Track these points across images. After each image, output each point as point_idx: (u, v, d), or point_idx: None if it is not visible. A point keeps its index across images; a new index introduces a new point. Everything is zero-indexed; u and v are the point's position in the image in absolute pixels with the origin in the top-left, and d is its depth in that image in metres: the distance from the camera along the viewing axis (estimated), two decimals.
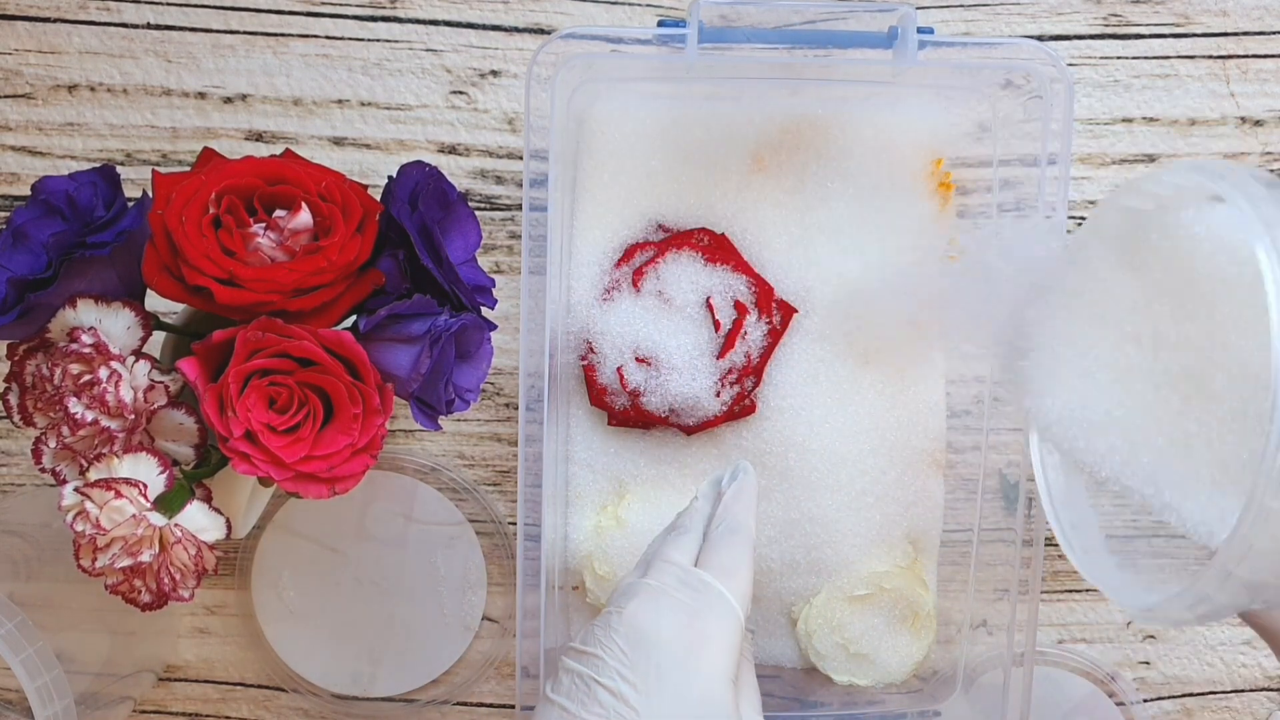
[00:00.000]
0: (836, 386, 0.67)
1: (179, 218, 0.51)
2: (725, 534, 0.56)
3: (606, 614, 0.53)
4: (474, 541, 0.71)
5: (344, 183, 0.54)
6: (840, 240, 0.67)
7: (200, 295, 0.51)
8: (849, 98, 0.66)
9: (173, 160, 0.70)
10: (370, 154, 0.70)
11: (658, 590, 0.53)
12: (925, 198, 0.67)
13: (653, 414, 0.66)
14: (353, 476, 0.53)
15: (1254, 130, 0.71)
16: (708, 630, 0.52)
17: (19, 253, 0.52)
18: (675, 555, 0.55)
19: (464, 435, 0.71)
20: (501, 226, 0.70)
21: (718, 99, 0.67)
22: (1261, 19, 0.70)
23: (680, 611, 0.52)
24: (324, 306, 0.53)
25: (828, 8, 0.62)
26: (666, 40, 0.59)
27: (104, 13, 0.70)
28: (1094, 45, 0.70)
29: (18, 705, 0.70)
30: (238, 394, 0.51)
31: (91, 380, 0.51)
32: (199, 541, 0.52)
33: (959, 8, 0.70)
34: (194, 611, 0.72)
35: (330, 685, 0.71)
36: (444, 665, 0.71)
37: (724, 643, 0.52)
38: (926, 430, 0.68)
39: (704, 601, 0.53)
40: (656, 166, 0.67)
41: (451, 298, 0.55)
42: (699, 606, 0.52)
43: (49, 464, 0.53)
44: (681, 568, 0.54)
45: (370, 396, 0.52)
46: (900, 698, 0.67)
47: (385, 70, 0.70)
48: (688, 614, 0.52)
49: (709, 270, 0.66)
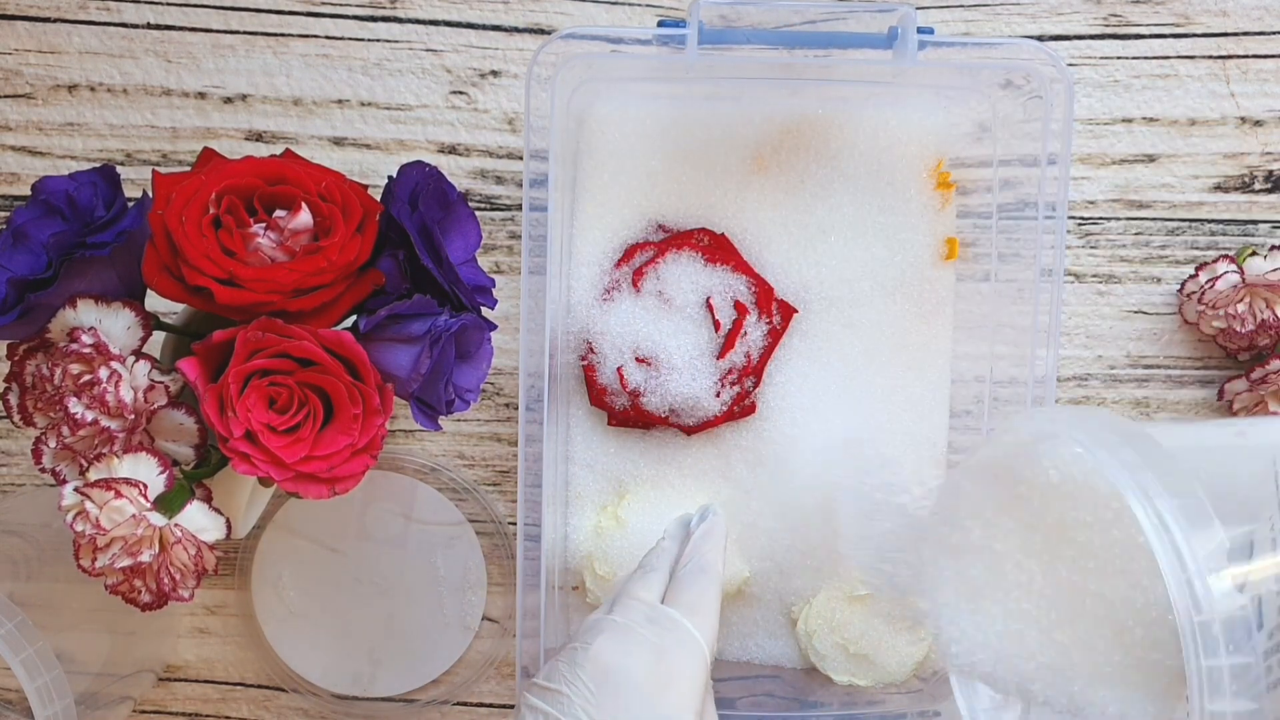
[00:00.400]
0: (836, 387, 0.67)
1: (179, 218, 0.51)
2: (693, 572, 0.56)
3: (571, 649, 0.52)
4: (474, 541, 0.71)
5: (344, 183, 0.54)
6: (840, 240, 0.67)
7: (200, 295, 0.51)
8: (849, 98, 0.66)
9: (173, 160, 0.70)
10: (370, 154, 0.70)
11: (624, 627, 0.52)
12: (925, 198, 0.67)
13: (653, 414, 0.66)
14: (353, 476, 0.53)
15: (1254, 130, 0.71)
16: (675, 667, 0.51)
17: (19, 253, 0.52)
18: (642, 592, 0.54)
19: (464, 435, 0.71)
20: (501, 226, 0.70)
21: (718, 99, 0.67)
22: (1261, 19, 0.70)
23: (647, 648, 0.52)
24: (324, 307, 0.53)
25: (828, 8, 0.62)
26: (666, 40, 0.59)
27: (104, 13, 0.70)
28: (1094, 45, 0.71)
29: (18, 705, 0.70)
30: (238, 394, 0.51)
31: (91, 380, 0.51)
32: (199, 541, 0.52)
33: (959, 8, 0.70)
34: (194, 611, 0.72)
35: (330, 685, 0.71)
36: (444, 665, 0.71)
37: (690, 680, 0.51)
38: (927, 430, 0.68)
39: (671, 638, 0.52)
40: (656, 166, 0.67)
41: (451, 298, 0.55)
42: (666, 643, 0.52)
43: (49, 464, 0.53)
44: (648, 604, 0.54)
45: (370, 396, 0.52)
46: (900, 698, 0.67)
47: (385, 70, 0.70)
48: (655, 651, 0.51)
49: (709, 270, 0.66)
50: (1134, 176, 0.71)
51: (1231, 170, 0.71)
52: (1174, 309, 0.71)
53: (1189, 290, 0.69)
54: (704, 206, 0.67)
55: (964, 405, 0.68)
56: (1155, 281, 0.71)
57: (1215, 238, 0.71)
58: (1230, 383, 0.70)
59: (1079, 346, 0.71)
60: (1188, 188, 0.71)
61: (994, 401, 0.65)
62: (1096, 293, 0.71)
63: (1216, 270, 0.68)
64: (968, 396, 0.68)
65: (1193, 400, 0.71)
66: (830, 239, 0.67)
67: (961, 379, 0.68)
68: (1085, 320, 0.71)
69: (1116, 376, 0.71)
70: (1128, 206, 0.71)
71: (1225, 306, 0.67)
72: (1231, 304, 0.67)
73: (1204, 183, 0.71)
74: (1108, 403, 0.71)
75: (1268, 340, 0.68)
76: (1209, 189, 0.71)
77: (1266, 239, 0.71)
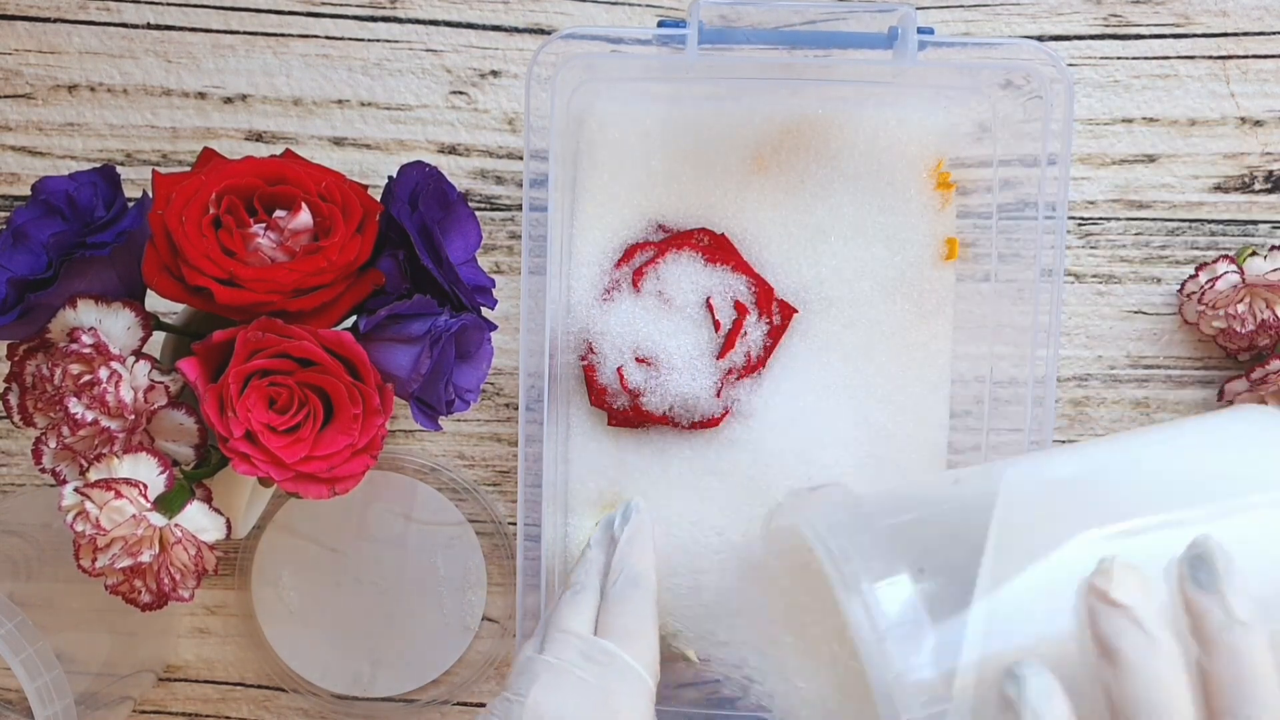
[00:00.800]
0: (837, 387, 0.67)
1: (179, 218, 0.51)
2: (625, 588, 0.53)
3: (506, 702, 0.49)
4: (474, 541, 0.71)
5: (344, 183, 0.54)
6: (840, 240, 0.67)
7: (200, 295, 0.51)
8: (849, 98, 0.66)
9: (173, 160, 0.70)
10: (370, 154, 0.70)
11: (559, 670, 0.49)
12: (925, 198, 0.67)
13: (653, 414, 0.66)
14: (353, 477, 0.53)
15: (1254, 130, 0.71)
16: (618, 707, 0.49)
17: (19, 253, 0.52)
18: (574, 623, 0.52)
19: (464, 435, 0.71)
20: (501, 226, 0.70)
21: (718, 99, 0.67)
22: (1261, 19, 0.70)
23: (586, 692, 0.49)
24: (324, 307, 0.53)
25: (828, 8, 0.62)
26: (666, 40, 0.59)
27: (104, 13, 0.70)
28: (1094, 45, 0.70)
29: (18, 705, 0.70)
30: (238, 394, 0.51)
31: (91, 380, 0.51)
32: (199, 541, 0.52)
33: (959, 8, 0.70)
34: (194, 611, 0.72)
35: (330, 685, 0.71)
36: (444, 665, 0.71)
37: (636, 715, 0.49)
38: (927, 430, 0.68)
39: (611, 675, 0.50)
40: (656, 166, 0.67)
41: (451, 298, 0.55)
42: (606, 683, 0.49)
43: (49, 464, 0.53)
44: (581, 638, 0.51)
45: (370, 397, 0.52)
46: None
47: (385, 70, 0.70)
48: (595, 694, 0.49)
49: (709, 270, 0.66)
50: (1134, 176, 0.71)
51: (1231, 170, 0.71)
52: (1174, 309, 0.71)
53: (1189, 290, 0.69)
54: (704, 206, 0.67)
55: (964, 405, 0.68)
56: (1155, 282, 0.71)
57: (1215, 238, 0.71)
58: (1230, 383, 0.70)
59: (1079, 346, 0.71)
60: (1188, 188, 0.71)
61: (994, 401, 0.66)
62: (1096, 293, 0.71)
63: (1216, 270, 0.68)
64: (968, 396, 0.68)
65: (1193, 400, 0.71)
66: (830, 239, 0.67)
67: (961, 379, 0.68)
68: (1085, 320, 0.71)
69: (1116, 377, 0.71)
70: (1128, 206, 0.71)
71: (1225, 307, 0.67)
72: (1231, 304, 0.67)
73: (1204, 183, 0.71)
74: (1108, 403, 0.71)
75: (1268, 340, 0.68)
76: (1209, 189, 0.71)
77: (1266, 239, 0.71)
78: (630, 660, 0.50)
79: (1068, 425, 0.71)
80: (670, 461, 0.67)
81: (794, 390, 0.67)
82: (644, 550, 0.55)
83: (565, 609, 0.53)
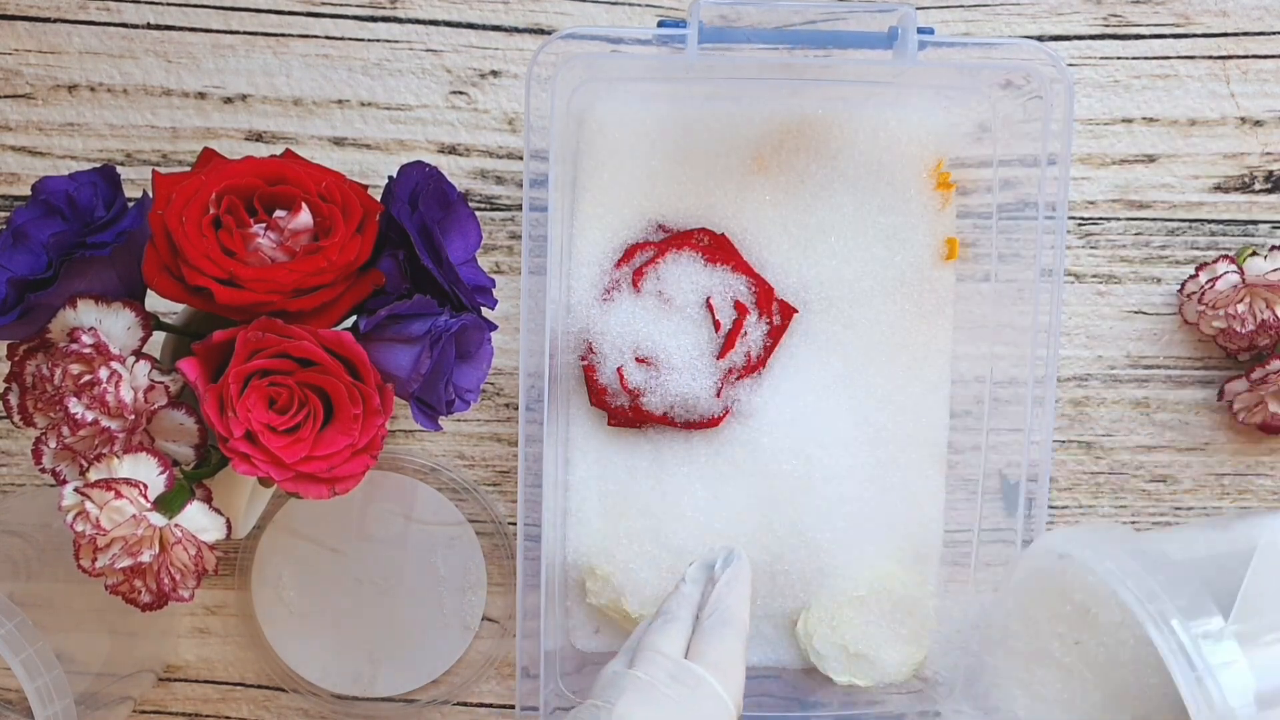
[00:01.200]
0: (837, 387, 0.67)
1: (179, 218, 0.51)
2: (717, 625, 0.53)
3: (593, 709, 0.50)
4: (474, 541, 0.71)
5: (344, 183, 0.54)
6: (840, 240, 0.67)
7: (200, 295, 0.51)
8: (849, 98, 0.66)
9: (173, 160, 0.70)
10: (370, 154, 0.70)
11: (647, 685, 0.50)
12: (925, 198, 0.67)
13: (653, 414, 0.66)
14: (353, 477, 0.53)
15: (1254, 130, 0.71)
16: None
17: (19, 253, 0.52)
18: (665, 645, 0.52)
19: (464, 435, 0.71)
20: (501, 226, 0.70)
21: (718, 99, 0.67)
22: (1261, 19, 0.70)
23: (673, 710, 0.49)
24: (324, 307, 0.53)
25: (828, 8, 0.62)
26: (666, 40, 0.59)
27: (104, 13, 0.70)
28: (1094, 45, 0.70)
29: (18, 705, 0.70)
30: (238, 394, 0.51)
31: (91, 380, 0.51)
32: (199, 541, 0.52)
33: (959, 8, 0.70)
34: (194, 611, 0.72)
35: (330, 685, 0.71)
36: (444, 665, 0.71)
37: None
38: (927, 430, 0.68)
39: (697, 698, 0.50)
40: (656, 166, 0.67)
41: (451, 298, 0.55)
42: (691, 705, 0.49)
43: (49, 464, 0.53)
44: (672, 660, 0.51)
45: (370, 397, 0.52)
46: (900, 698, 0.67)
47: (385, 70, 0.70)
48: (681, 711, 0.49)
49: (709, 270, 0.66)
50: (1134, 176, 0.71)
51: (1231, 170, 0.71)
52: (1174, 309, 0.71)
53: (1189, 290, 0.69)
54: (704, 206, 0.67)
55: (964, 405, 0.68)
56: (1155, 281, 0.71)
57: (1215, 238, 0.71)
58: (1230, 383, 0.70)
59: (1079, 346, 0.71)
60: (1188, 188, 0.71)
61: (994, 401, 0.66)
62: (1096, 293, 0.71)
63: (1216, 270, 0.68)
64: (968, 396, 0.68)
65: (1193, 400, 0.71)
66: (830, 239, 0.67)
67: (961, 379, 0.68)
68: (1085, 320, 0.71)
69: (1116, 377, 0.71)
70: (1128, 206, 0.71)
71: (1225, 307, 0.67)
72: (1231, 304, 0.67)
73: (1204, 183, 0.71)
74: (1108, 403, 0.71)
75: (1268, 340, 0.68)
76: (1209, 189, 0.71)
77: (1266, 239, 0.71)
78: (718, 686, 0.51)
79: (1068, 425, 0.71)
80: (670, 461, 0.67)
81: (794, 390, 0.67)
82: (742, 595, 0.55)
83: (657, 633, 0.53)
